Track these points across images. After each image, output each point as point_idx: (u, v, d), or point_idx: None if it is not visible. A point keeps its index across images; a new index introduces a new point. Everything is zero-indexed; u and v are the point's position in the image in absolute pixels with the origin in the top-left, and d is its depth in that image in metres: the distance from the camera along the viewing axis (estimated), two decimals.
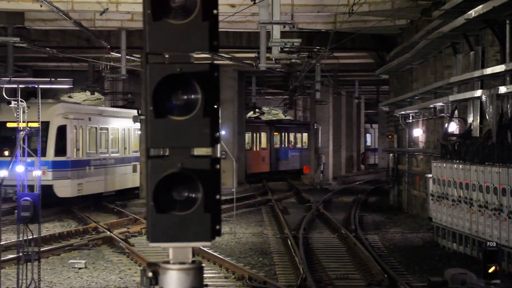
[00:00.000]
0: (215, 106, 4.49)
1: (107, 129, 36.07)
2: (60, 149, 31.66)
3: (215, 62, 4.59)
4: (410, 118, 31.75)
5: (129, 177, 38.18)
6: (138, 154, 38.36)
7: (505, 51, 19.13)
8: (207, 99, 4.48)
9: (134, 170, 38.44)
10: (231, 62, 38.80)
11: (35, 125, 15.78)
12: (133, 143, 38.80)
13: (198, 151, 4.55)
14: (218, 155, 4.62)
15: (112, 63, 33.69)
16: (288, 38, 25.12)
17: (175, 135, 4.49)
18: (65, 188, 31.42)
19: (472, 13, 18.77)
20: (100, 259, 20.17)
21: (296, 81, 43.49)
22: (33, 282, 15.23)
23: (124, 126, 37.91)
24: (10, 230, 24.48)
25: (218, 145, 4.59)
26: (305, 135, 63.08)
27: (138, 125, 38.31)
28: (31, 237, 15.11)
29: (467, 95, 21.22)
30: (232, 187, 29.83)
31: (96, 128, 34.83)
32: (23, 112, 16.16)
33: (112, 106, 42.49)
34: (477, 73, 20.14)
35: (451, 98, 22.59)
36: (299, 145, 62.91)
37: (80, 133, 32.98)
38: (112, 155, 36.56)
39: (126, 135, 38.26)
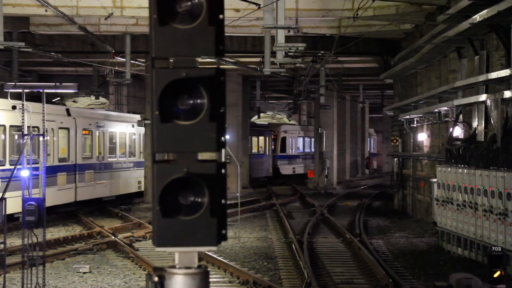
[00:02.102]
0: (221, 111, 4.50)
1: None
2: None
3: (220, 66, 4.59)
4: (415, 122, 31.73)
5: None
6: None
7: (510, 56, 19.11)
8: (213, 104, 4.48)
9: None
10: (235, 67, 38.83)
11: None
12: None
13: (203, 156, 4.55)
14: (223, 159, 4.62)
15: (116, 68, 33.74)
16: (293, 42, 25.13)
17: (181, 140, 4.49)
18: None
19: (477, 17, 18.75)
20: (105, 264, 20.17)
21: (300, 86, 43.51)
22: (38, 287, 15.24)
23: None
24: (15, 235, 24.52)
25: (223, 150, 4.59)
26: (261, 139, 56.90)
27: (66, 122, 30.60)
28: (36, 241, 15.12)
29: (472, 99, 21.20)
30: (236, 192, 29.84)
31: None
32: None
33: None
34: (482, 78, 20.12)
35: (456, 102, 22.57)
36: (254, 150, 55.63)
37: None
38: None
39: None
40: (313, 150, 63.07)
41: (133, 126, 38.35)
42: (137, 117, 39.52)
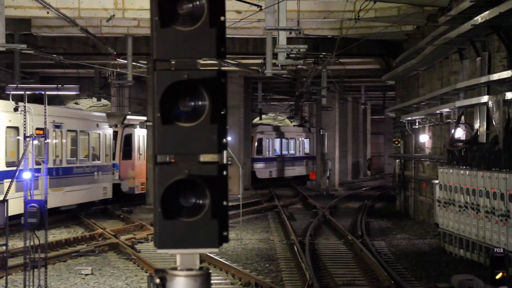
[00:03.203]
0: (223, 112, 4.50)
1: None
2: None
3: (221, 68, 4.59)
4: (417, 124, 31.73)
5: None
6: None
7: None
8: (214, 106, 4.48)
9: None
10: (237, 68, 38.85)
11: None
12: None
13: (205, 158, 4.55)
14: (225, 161, 4.63)
15: (118, 70, 33.76)
16: (294, 44, 25.14)
17: (183, 142, 4.49)
18: None
19: (479, 19, 18.75)
20: (107, 265, 20.18)
21: (302, 87, 43.52)
22: None
23: None
24: (17, 237, 24.53)
25: (225, 151, 4.59)
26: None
27: None
28: (37, 243, 15.13)
29: (474, 101, 21.19)
30: (238, 193, 29.84)
31: None
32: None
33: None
34: (483, 79, 20.11)
35: (458, 104, 22.56)
36: None
37: None
38: None
39: None
40: (291, 152, 60.79)
41: (97, 125, 34.18)
42: (103, 115, 35.96)
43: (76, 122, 31.92)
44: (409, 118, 31.65)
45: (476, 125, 21.88)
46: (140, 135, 39.06)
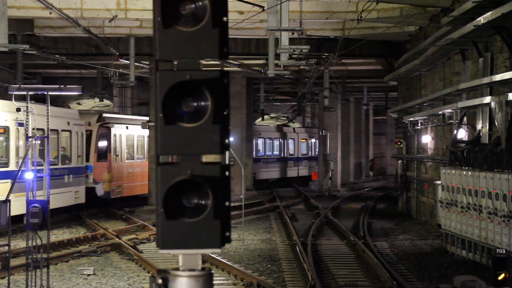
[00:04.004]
0: (225, 113, 4.50)
1: None
2: None
3: (224, 68, 4.60)
4: (419, 124, 31.72)
5: None
6: None
7: None
8: (217, 106, 4.49)
9: None
10: (239, 69, 38.85)
11: None
12: None
13: (207, 158, 4.56)
14: (227, 161, 4.63)
15: (120, 70, 33.78)
16: (297, 44, 25.14)
17: (185, 142, 4.50)
18: None
19: (481, 19, 18.74)
20: (109, 266, 20.19)
21: (304, 88, 43.53)
22: None
23: None
24: (19, 237, 24.55)
25: (227, 152, 4.59)
26: None
27: None
28: (40, 243, 15.14)
29: (476, 101, 21.18)
30: (240, 194, 29.87)
31: None
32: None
33: None
34: (486, 80, 20.10)
35: (460, 104, 22.55)
36: None
37: None
38: None
39: None
40: (275, 153, 59.14)
41: (68, 123, 31.22)
42: (74, 112, 33.50)
43: (43, 120, 29.18)
44: (412, 119, 31.64)
45: (479, 126, 21.86)
46: (117, 134, 36.07)
